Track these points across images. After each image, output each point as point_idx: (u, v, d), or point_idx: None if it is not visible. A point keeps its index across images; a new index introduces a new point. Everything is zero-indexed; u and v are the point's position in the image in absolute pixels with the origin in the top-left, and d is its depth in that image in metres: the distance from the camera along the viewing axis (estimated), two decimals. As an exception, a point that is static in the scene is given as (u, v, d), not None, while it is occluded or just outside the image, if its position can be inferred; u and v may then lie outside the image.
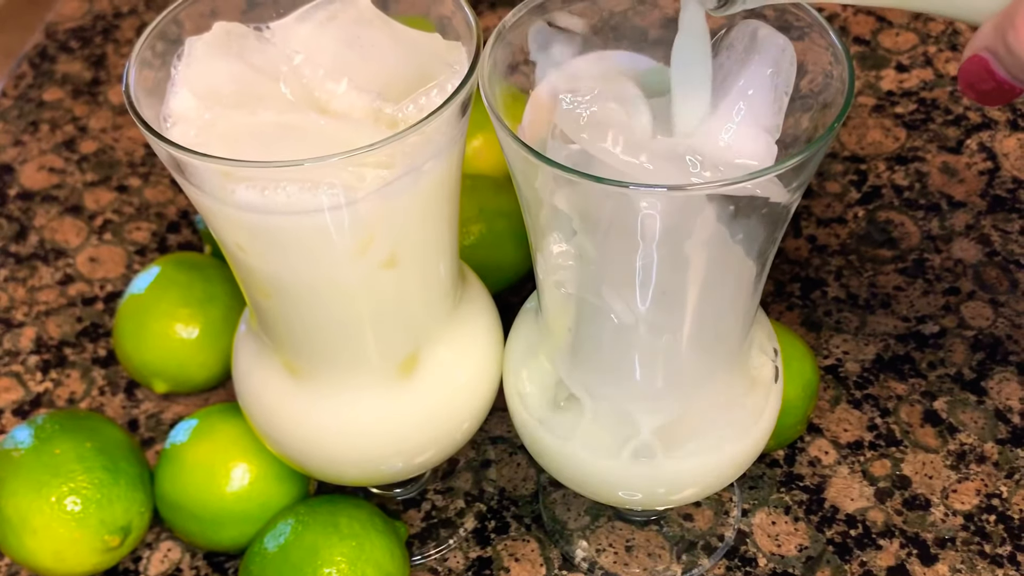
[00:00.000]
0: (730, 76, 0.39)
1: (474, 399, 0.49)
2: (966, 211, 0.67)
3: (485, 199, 0.61)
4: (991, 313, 0.62)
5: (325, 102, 0.41)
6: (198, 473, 0.52)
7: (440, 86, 0.40)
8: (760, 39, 0.39)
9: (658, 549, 0.54)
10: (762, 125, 0.39)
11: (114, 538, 0.52)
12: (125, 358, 0.60)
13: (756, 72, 0.38)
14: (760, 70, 0.38)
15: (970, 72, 0.35)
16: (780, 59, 0.39)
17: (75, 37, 0.87)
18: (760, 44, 0.39)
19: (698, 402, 0.45)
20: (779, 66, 0.39)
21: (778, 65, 0.39)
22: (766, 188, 0.37)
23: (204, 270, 0.60)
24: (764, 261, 0.42)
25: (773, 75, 0.39)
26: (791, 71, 0.39)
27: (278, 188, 0.38)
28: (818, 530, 0.54)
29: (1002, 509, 0.54)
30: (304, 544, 0.48)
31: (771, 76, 0.39)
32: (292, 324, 0.45)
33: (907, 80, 0.75)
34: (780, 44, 0.39)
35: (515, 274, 0.62)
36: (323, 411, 0.47)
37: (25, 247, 0.71)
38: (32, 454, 0.52)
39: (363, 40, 0.42)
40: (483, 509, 0.56)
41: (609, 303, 0.41)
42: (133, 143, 0.77)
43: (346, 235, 0.40)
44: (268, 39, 0.43)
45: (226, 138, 0.39)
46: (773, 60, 0.39)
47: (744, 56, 0.39)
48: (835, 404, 0.59)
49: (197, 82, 0.41)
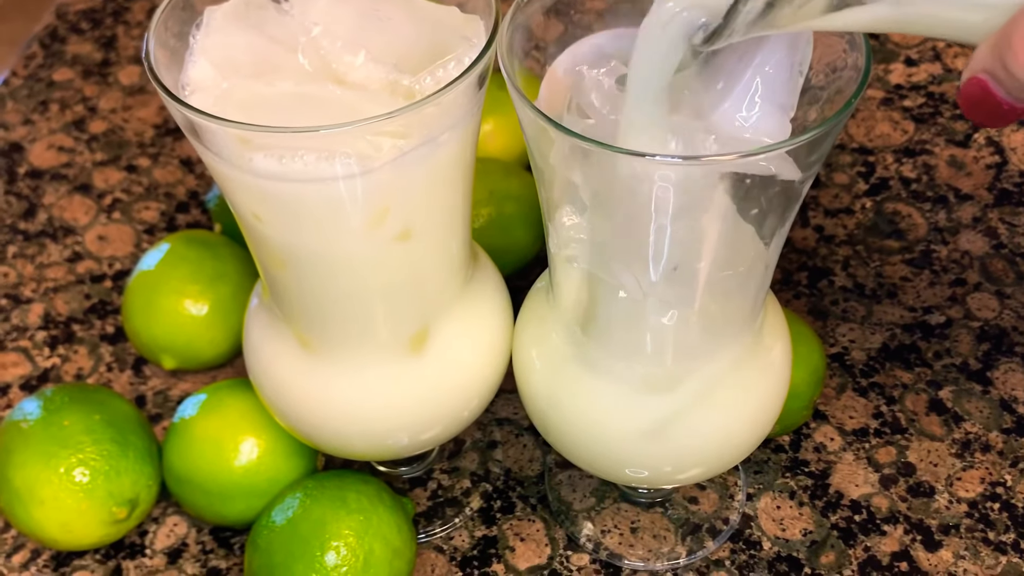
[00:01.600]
0: (747, 54, 0.39)
1: (482, 377, 0.49)
2: (973, 204, 0.67)
3: (495, 182, 0.61)
4: (997, 304, 0.62)
5: (342, 74, 0.41)
6: (207, 447, 0.52)
7: (457, 59, 0.40)
8: None
9: (663, 531, 0.54)
10: (777, 103, 0.39)
11: (122, 510, 0.52)
12: (134, 334, 0.60)
13: (773, 49, 0.39)
14: (777, 47, 0.39)
15: (970, 95, 0.34)
16: (797, 37, 0.39)
17: (85, 18, 0.87)
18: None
19: (707, 381, 0.45)
20: (796, 44, 0.39)
21: (795, 43, 0.39)
22: (779, 165, 0.37)
23: (214, 248, 0.60)
24: (776, 241, 0.42)
25: (790, 53, 0.39)
26: (807, 50, 0.39)
27: (295, 156, 0.38)
28: (823, 515, 0.54)
29: (1006, 497, 0.54)
30: (312, 518, 0.49)
31: (788, 54, 0.39)
32: (305, 296, 0.45)
33: (916, 74, 0.75)
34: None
35: (524, 257, 0.62)
36: (333, 384, 0.47)
37: (34, 224, 0.71)
38: (41, 425, 0.52)
39: (381, 12, 0.42)
40: (489, 489, 0.56)
41: (620, 278, 0.42)
42: (143, 124, 0.78)
43: (361, 205, 0.40)
44: (286, 10, 0.43)
45: (244, 107, 0.39)
46: (790, 38, 0.39)
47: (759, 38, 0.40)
48: (841, 392, 0.59)
49: (215, 52, 0.41)
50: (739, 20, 0.35)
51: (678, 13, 0.36)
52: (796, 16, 0.35)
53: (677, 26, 0.36)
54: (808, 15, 0.35)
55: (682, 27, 0.36)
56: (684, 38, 0.37)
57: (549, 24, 0.43)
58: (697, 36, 0.36)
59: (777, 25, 0.35)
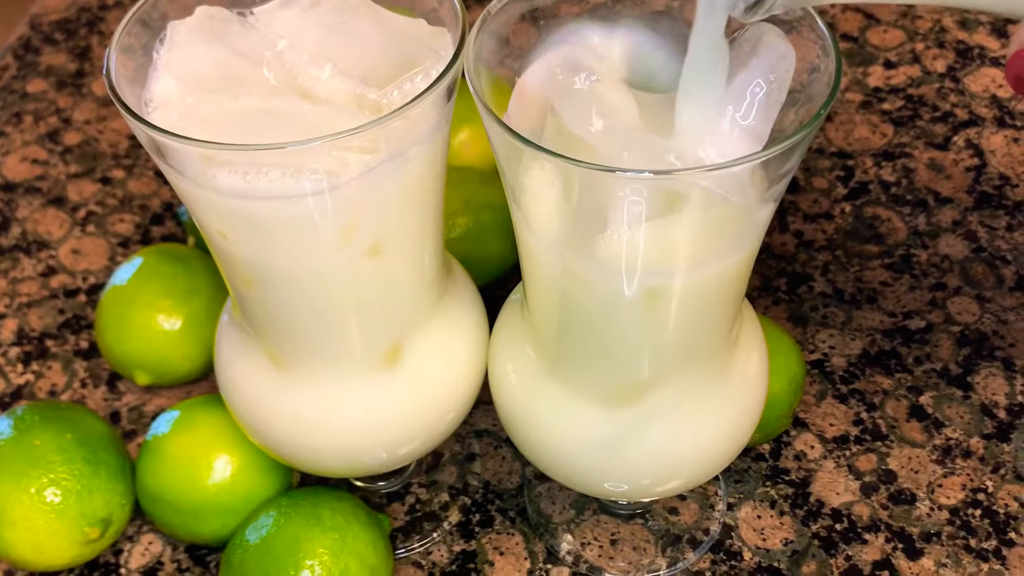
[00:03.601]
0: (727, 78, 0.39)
1: (458, 390, 0.49)
2: (953, 207, 0.67)
3: (471, 192, 0.61)
4: (977, 309, 0.62)
5: (309, 88, 0.40)
6: (180, 465, 0.52)
7: (425, 71, 0.40)
8: (763, 44, 0.39)
9: (643, 543, 0.54)
10: (750, 132, 0.38)
11: (94, 530, 0.51)
12: (107, 349, 0.59)
13: (751, 77, 0.38)
14: (755, 75, 0.38)
15: (1018, 65, 0.35)
16: (777, 65, 0.38)
17: (60, 29, 0.86)
18: (761, 48, 0.39)
19: (683, 393, 0.44)
20: (776, 72, 0.38)
21: (775, 71, 0.38)
22: (741, 186, 0.37)
23: (187, 262, 0.60)
24: (749, 254, 0.42)
25: (767, 82, 0.38)
26: (786, 78, 0.39)
27: (260, 173, 0.38)
28: (804, 524, 0.54)
29: (987, 504, 0.54)
30: (286, 536, 0.48)
31: (765, 82, 0.38)
32: (275, 313, 0.44)
33: (894, 77, 0.75)
34: (780, 51, 0.39)
35: (501, 267, 0.62)
36: (306, 401, 0.46)
37: (7, 238, 0.71)
38: (11, 445, 0.51)
39: (347, 26, 0.42)
40: (467, 502, 0.56)
41: (593, 293, 0.41)
42: (117, 135, 0.77)
43: (329, 221, 0.40)
44: (252, 24, 0.42)
45: (208, 123, 0.39)
46: (770, 66, 0.38)
47: (744, 59, 0.39)
48: (821, 399, 0.59)
49: (179, 67, 0.41)
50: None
51: None
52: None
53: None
54: None
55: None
56: (726, 8, 0.37)
57: (520, 33, 0.43)
58: (738, 7, 0.36)
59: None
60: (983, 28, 0.78)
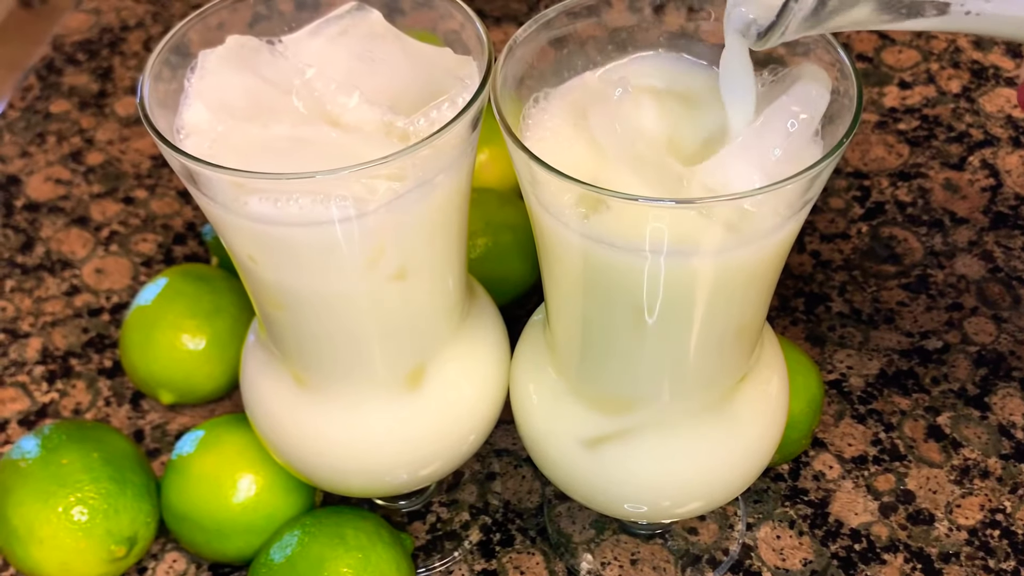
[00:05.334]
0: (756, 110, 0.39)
1: (480, 411, 0.49)
2: (969, 227, 0.67)
3: (491, 212, 0.62)
4: (994, 329, 0.62)
5: (337, 115, 0.41)
6: (204, 484, 0.52)
7: (451, 100, 0.40)
8: (796, 85, 0.39)
9: (663, 563, 0.54)
10: (766, 170, 0.38)
11: (120, 548, 0.52)
12: (131, 369, 0.60)
13: (776, 116, 0.38)
14: (782, 115, 0.38)
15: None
16: (806, 106, 0.39)
17: (82, 50, 0.87)
18: (794, 88, 0.39)
19: (705, 415, 0.45)
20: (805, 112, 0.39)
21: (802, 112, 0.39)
22: (761, 214, 0.37)
23: (211, 282, 0.60)
24: (770, 278, 0.42)
25: (792, 124, 0.38)
26: (814, 120, 0.39)
27: (290, 200, 0.38)
28: (823, 544, 0.54)
29: (1006, 524, 0.54)
30: (310, 555, 0.49)
31: (789, 124, 0.38)
32: (301, 335, 0.45)
33: (910, 97, 0.76)
34: (812, 94, 0.39)
35: (521, 287, 0.62)
36: (330, 422, 0.47)
37: (31, 258, 0.72)
38: (39, 464, 0.52)
39: (375, 54, 0.42)
40: (488, 522, 0.56)
41: (616, 315, 0.42)
42: (139, 155, 0.78)
43: (357, 247, 0.41)
44: (280, 53, 0.43)
45: (239, 150, 0.40)
46: (797, 108, 0.39)
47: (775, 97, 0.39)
48: (839, 419, 0.59)
49: (210, 95, 0.41)
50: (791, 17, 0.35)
51: (732, 8, 0.37)
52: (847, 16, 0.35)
53: (731, 22, 0.37)
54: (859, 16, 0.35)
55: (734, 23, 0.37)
56: (737, 34, 0.37)
57: (546, 60, 0.43)
58: (750, 33, 0.37)
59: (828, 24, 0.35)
60: (998, 48, 0.79)
